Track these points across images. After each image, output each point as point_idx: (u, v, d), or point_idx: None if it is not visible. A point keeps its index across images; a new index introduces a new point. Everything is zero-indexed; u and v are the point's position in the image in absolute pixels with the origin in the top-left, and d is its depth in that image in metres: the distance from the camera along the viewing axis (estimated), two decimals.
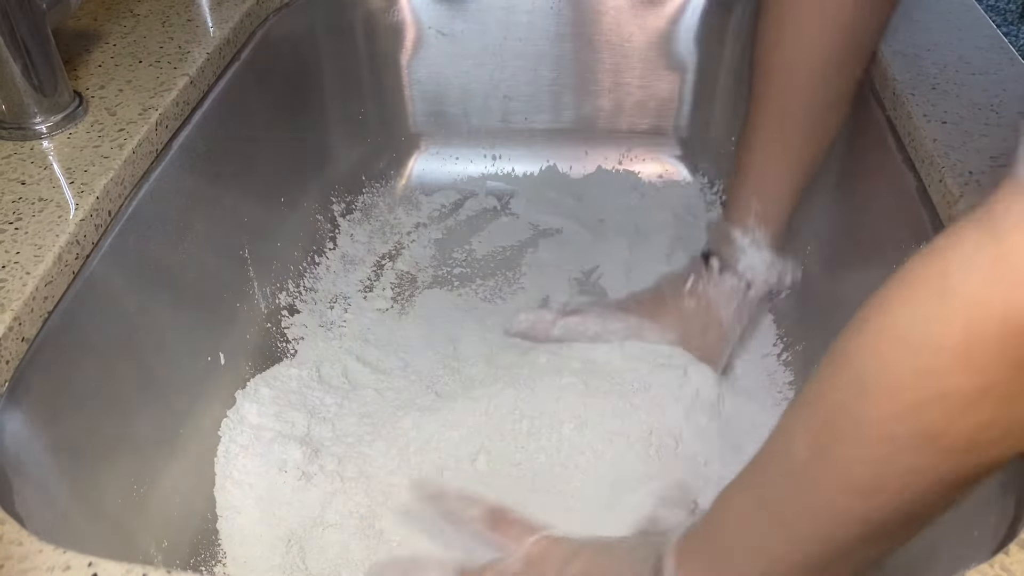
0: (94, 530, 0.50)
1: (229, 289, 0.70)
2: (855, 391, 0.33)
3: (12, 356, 0.45)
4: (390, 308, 0.80)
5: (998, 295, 0.28)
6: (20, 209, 0.52)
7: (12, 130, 0.58)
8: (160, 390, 0.59)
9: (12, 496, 0.42)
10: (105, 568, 0.36)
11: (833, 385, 0.35)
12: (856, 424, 0.33)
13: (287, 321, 0.76)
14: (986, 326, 0.29)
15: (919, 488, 0.33)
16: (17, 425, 0.45)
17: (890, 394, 0.32)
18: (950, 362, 0.30)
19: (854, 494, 0.34)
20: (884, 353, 0.32)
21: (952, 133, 0.57)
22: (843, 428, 0.34)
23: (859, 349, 0.33)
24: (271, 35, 0.78)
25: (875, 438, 0.33)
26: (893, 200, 0.60)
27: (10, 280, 0.47)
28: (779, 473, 0.38)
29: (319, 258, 0.83)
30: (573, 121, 0.93)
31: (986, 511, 0.42)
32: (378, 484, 0.63)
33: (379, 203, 0.92)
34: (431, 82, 0.92)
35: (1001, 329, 0.28)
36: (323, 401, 0.69)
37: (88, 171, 0.55)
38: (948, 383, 0.30)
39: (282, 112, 0.81)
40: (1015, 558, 0.36)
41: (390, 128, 0.94)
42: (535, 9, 0.87)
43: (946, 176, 0.54)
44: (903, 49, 0.66)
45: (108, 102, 0.62)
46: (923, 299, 0.31)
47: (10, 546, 0.37)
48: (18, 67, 0.56)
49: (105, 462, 0.52)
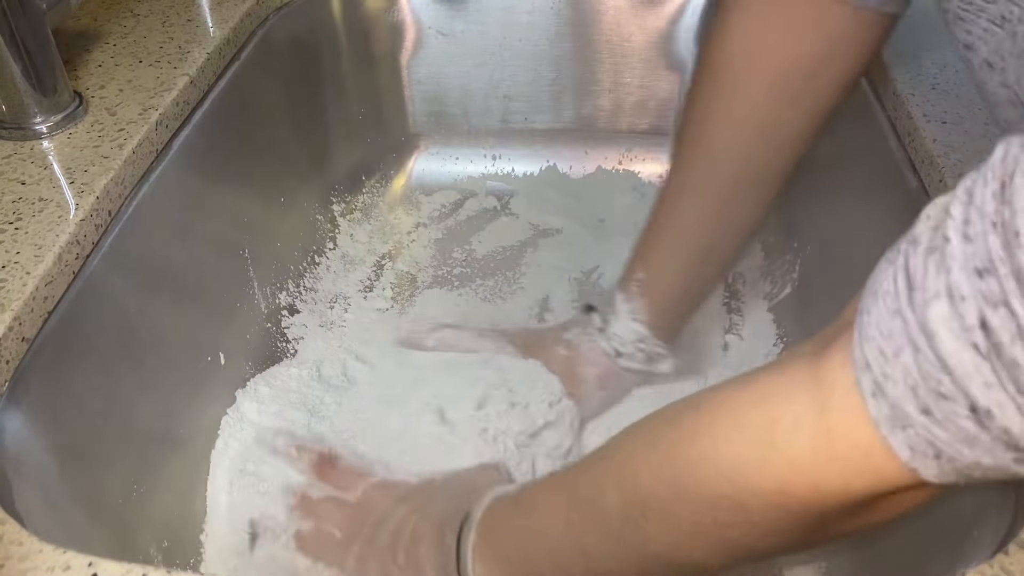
0: (94, 530, 0.50)
1: (229, 289, 0.70)
2: (671, 488, 0.36)
3: (12, 356, 0.45)
4: (390, 308, 0.80)
5: (814, 465, 0.31)
6: (20, 209, 0.52)
7: (12, 130, 0.58)
8: (160, 390, 0.59)
9: (12, 496, 0.42)
10: (105, 568, 0.36)
11: (651, 465, 0.38)
12: (666, 515, 0.37)
13: (287, 321, 0.76)
14: (797, 486, 0.32)
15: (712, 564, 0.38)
16: (17, 425, 0.45)
17: (701, 505, 0.35)
18: (760, 502, 0.33)
19: (650, 559, 0.39)
20: (704, 473, 0.35)
21: (952, 133, 0.57)
22: (655, 510, 0.37)
23: (682, 457, 0.36)
24: (271, 35, 0.78)
25: (682, 531, 0.36)
26: (893, 200, 0.60)
27: (10, 280, 0.47)
28: (589, 508, 0.41)
29: (319, 258, 0.83)
30: (573, 121, 0.93)
31: (986, 511, 0.42)
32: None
33: (379, 203, 0.92)
34: (431, 82, 0.92)
35: (810, 492, 0.32)
36: (323, 400, 0.69)
37: (88, 171, 0.55)
38: (755, 516, 0.34)
39: (282, 112, 0.81)
40: (1015, 558, 0.36)
41: (390, 128, 0.94)
42: (535, 9, 0.87)
43: (946, 176, 0.54)
44: (903, 49, 0.66)
45: (108, 102, 0.62)
46: (749, 445, 0.33)
47: (10, 546, 0.37)
48: (18, 67, 0.56)
49: (105, 462, 0.52)
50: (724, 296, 0.79)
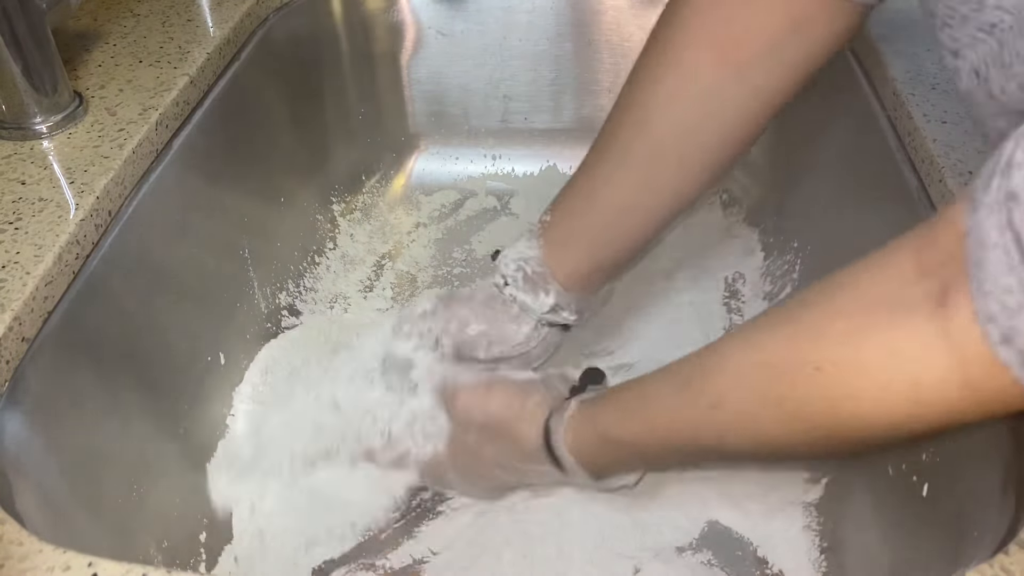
0: (94, 530, 0.50)
1: (229, 289, 0.70)
2: (822, 372, 0.37)
3: (12, 356, 0.45)
4: (390, 308, 0.80)
5: (943, 394, 0.33)
6: (20, 209, 0.52)
7: (12, 130, 0.58)
8: (160, 390, 0.59)
9: (12, 496, 0.42)
10: (105, 568, 0.36)
11: (800, 351, 0.38)
12: (780, 419, 0.39)
13: (287, 321, 0.76)
14: (921, 415, 0.35)
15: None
16: (17, 425, 0.45)
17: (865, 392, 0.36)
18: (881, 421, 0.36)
19: (755, 443, 0.42)
20: (813, 398, 0.37)
21: (952, 133, 0.57)
22: (791, 386, 0.38)
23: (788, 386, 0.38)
24: (271, 35, 0.78)
25: (794, 431, 0.39)
26: (893, 200, 0.60)
27: (10, 280, 0.47)
28: (698, 398, 0.43)
29: (319, 258, 0.83)
30: (573, 121, 0.93)
31: (986, 511, 0.42)
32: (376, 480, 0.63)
33: (379, 203, 0.92)
34: (431, 82, 0.92)
35: (936, 415, 0.35)
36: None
37: (88, 171, 0.55)
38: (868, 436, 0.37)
39: (282, 112, 0.81)
40: (1015, 558, 0.36)
41: (390, 128, 0.94)
42: (535, 9, 0.87)
43: (946, 176, 0.54)
44: (903, 49, 0.66)
45: (108, 102, 0.62)
46: (918, 339, 0.34)
47: (10, 546, 0.37)
48: (18, 67, 0.56)
49: (105, 462, 0.52)
50: (724, 296, 0.79)
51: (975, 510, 0.43)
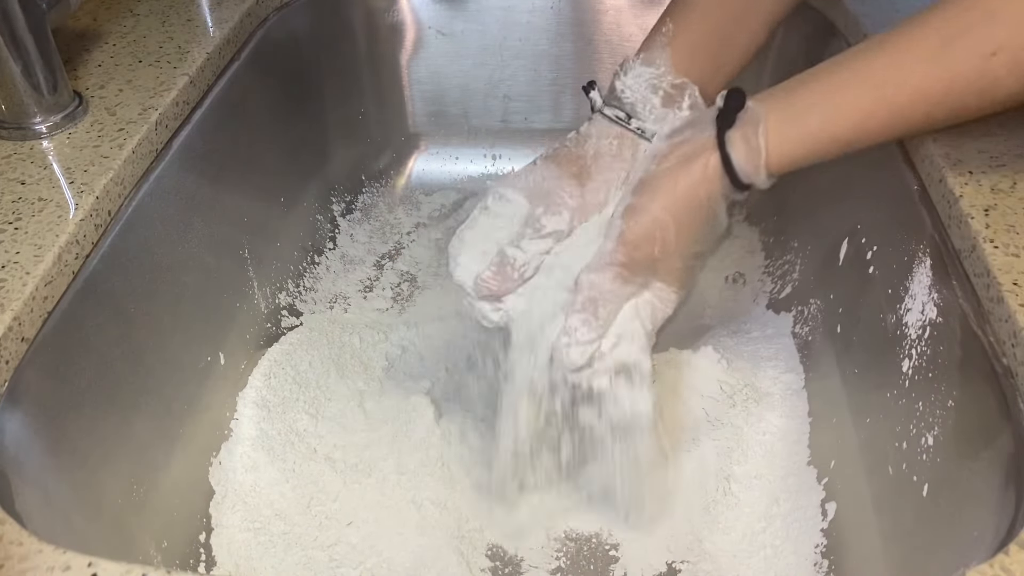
0: (94, 530, 0.50)
1: (229, 289, 0.70)
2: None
3: (12, 356, 0.45)
4: (390, 308, 0.80)
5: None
6: (20, 209, 0.52)
7: (12, 130, 0.58)
8: (160, 390, 0.59)
9: (12, 496, 0.42)
10: (105, 568, 0.36)
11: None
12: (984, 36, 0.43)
13: (287, 321, 0.76)
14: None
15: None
16: (17, 425, 0.45)
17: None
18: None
19: (925, 97, 0.46)
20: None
21: (952, 133, 0.57)
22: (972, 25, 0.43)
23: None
24: (271, 35, 0.78)
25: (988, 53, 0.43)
26: (893, 200, 0.60)
27: (10, 280, 0.47)
28: (882, 54, 0.47)
29: (319, 258, 0.83)
30: (573, 121, 0.93)
31: (986, 511, 0.42)
32: (375, 480, 0.63)
33: (379, 203, 0.92)
34: (431, 82, 0.92)
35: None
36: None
37: (88, 171, 0.55)
38: None
39: (282, 112, 0.81)
40: (1015, 558, 0.36)
41: (390, 128, 0.94)
42: (535, 9, 0.87)
43: (946, 176, 0.54)
44: None
45: (108, 102, 0.62)
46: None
47: (10, 546, 0.37)
48: (18, 67, 0.56)
49: (105, 462, 0.52)
50: (724, 296, 0.79)
51: (975, 510, 0.43)
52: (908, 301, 0.55)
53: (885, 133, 0.49)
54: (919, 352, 0.53)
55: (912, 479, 0.50)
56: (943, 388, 0.49)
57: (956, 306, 0.49)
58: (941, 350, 0.51)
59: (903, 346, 0.54)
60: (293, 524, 0.61)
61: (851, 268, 0.66)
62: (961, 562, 0.40)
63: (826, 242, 0.72)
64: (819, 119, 0.49)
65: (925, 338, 0.52)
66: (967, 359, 0.48)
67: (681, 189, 0.52)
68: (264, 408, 0.67)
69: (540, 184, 0.57)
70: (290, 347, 0.73)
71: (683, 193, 0.52)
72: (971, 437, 0.46)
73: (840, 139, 0.49)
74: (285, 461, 0.64)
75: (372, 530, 0.61)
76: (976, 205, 0.51)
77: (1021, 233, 0.49)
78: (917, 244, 0.55)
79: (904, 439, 0.52)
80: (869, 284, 0.61)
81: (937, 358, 0.51)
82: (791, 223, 0.79)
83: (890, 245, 0.59)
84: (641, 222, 0.52)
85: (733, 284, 0.80)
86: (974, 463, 0.45)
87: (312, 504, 0.62)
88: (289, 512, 0.61)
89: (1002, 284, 0.46)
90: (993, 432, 0.44)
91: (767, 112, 0.50)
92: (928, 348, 0.52)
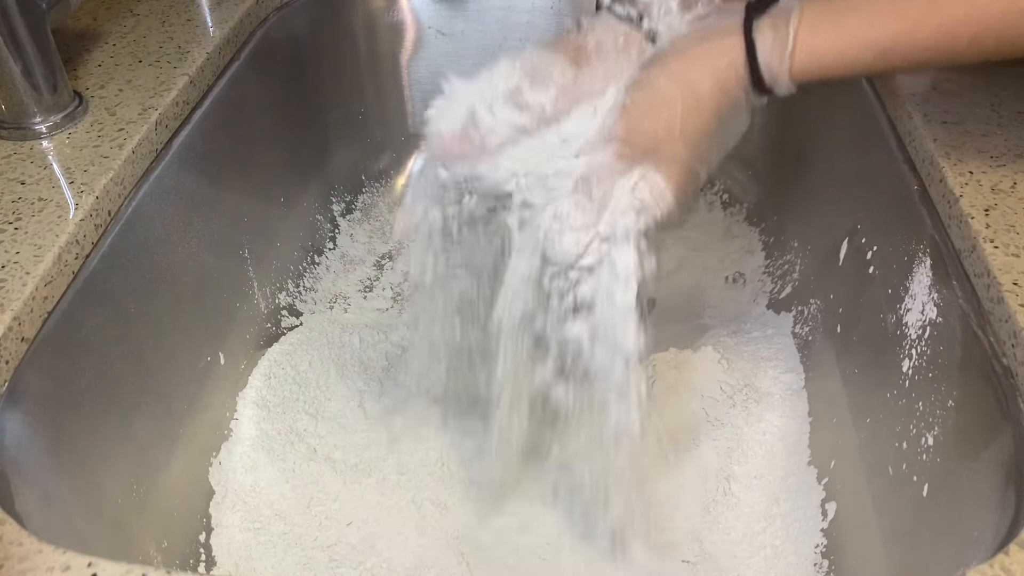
0: (94, 530, 0.50)
1: (229, 289, 0.70)
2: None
3: (12, 356, 0.45)
4: (390, 308, 0.80)
5: None
6: (20, 209, 0.52)
7: (12, 130, 0.58)
8: (160, 390, 0.59)
9: (12, 496, 0.42)
10: (105, 568, 0.36)
11: None
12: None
13: (287, 321, 0.76)
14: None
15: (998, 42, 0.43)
16: (17, 425, 0.45)
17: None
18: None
19: (981, 15, 0.42)
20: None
21: (952, 133, 0.57)
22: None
23: None
24: (271, 35, 0.78)
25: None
26: (893, 200, 0.60)
27: (10, 280, 0.47)
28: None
29: (319, 258, 0.83)
30: None
31: (986, 511, 0.42)
32: (375, 480, 0.63)
33: (379, 203, 0.92)
34: (431, 82, 0.92)
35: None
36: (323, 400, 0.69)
37: (88, 171, 0.55)
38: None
39: (282, 112, 0.81)
40: (1015, 558, 0.36)
41: (390, 128, 0.94)
42: (535, 9, 0.87)
43: (946, 176, 0.54)
44: None
45: (108, 102, 0.62)
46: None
47: (10, 546, 0.37)
48: (18, 67, 0.56)
49: (105, 462, 0.52)
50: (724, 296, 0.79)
51: (975, 510, 0.43)
52: (908, 301, 0.55)
53: (924, 53, 0.45)
54: (919, 352, 0.53)
55: (912, 479, 0.50)
56: (943, 388, 0.49)
57: (956, 306, 0.49)
58: (941, 350, 0.51)
59: (903, 346, 0.54)
60: (293, 524, 0.61)
61: (851, 268, 0.66)
62: (961, 562, 0.40)
63: (826, 242, 0.72)
64: (859, 19, 0.45)
65: (925, 338, 0.52)
66: (967, 359, 0.48)
67: (695, 69, 0.48)
68: (264, 408, 0.67)
69: (529, 59, 0.54)
70: (290, 347, 0.73)
71: (696, 73, 0.47)
72: (971, 437, 0.46)
73: (876, 47, 0.45)
74: (285, 461, 0.64)
75: (372, 530, 0.61)
76: (976, 205, 0.51)
77: (1021, 233, 0.49)
78: (917, 244, 0.55)
79: (904, 439, 0.52)
80: (869, 284, 0.61)
81: (937, 358, 0.51)
82: (791, 223, 0.79)
83: (890, 245, 0.60)
84: (646, 94, 0.48)
85: (733, 284, 0.80)
86: (974, 463, 0.45)
87: (312, 504, 0.62)
88: (289, 512, 0.61)
89: (1002, 284, 0.46)
90: (993, 432, 0.44)
91: (803, 5, 0.46)
92: (928, 348, 0.52)
